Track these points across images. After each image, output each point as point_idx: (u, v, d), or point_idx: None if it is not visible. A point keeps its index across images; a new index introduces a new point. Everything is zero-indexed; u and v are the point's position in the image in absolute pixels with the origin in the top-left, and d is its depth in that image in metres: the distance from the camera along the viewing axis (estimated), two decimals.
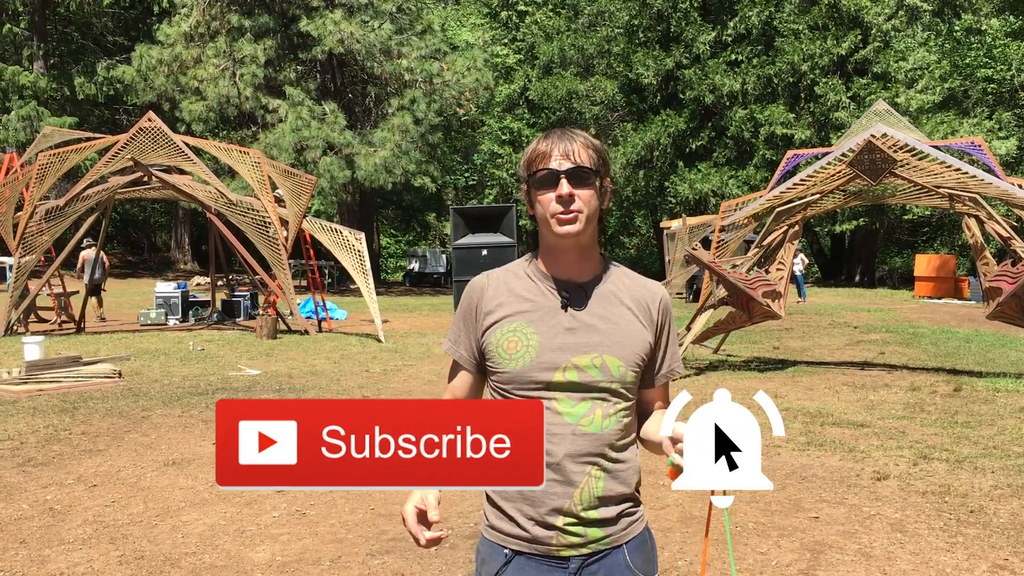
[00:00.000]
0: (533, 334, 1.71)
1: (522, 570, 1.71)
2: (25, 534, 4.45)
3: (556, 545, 1.69)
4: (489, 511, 1.78)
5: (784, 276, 10.21)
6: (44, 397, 8.28)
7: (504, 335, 1.73)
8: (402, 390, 8.89)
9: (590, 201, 1.71)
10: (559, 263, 1.76)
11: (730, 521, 4.63)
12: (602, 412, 1.69)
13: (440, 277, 34.17)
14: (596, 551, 1.70)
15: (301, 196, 14.20)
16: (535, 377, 1.69)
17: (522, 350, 1.70)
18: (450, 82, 26.57)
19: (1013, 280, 8.66)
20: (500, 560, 1.73)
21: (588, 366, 1.69)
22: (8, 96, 28.83)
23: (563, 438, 1.67)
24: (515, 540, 1.72)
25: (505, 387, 1.73)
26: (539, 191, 1.71)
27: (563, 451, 1.67)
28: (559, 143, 1.71)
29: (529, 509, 1.69)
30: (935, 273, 24.48)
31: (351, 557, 4.15)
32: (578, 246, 1.74)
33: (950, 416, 7.43)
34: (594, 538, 1.69)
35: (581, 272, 1.76)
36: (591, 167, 1.70)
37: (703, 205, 29.60)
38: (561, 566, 1.69)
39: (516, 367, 1.70)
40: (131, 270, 33.57)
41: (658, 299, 1.80)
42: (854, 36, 28.88)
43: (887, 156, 9.40)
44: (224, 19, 25.63)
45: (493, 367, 1.74)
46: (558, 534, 1.68)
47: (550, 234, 1.73)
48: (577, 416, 1.68)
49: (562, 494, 1.67)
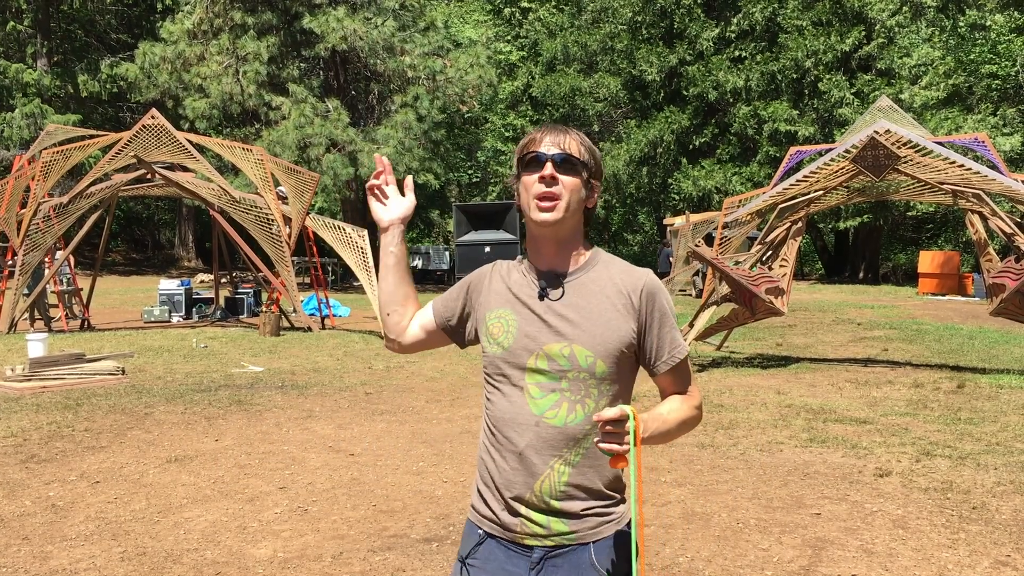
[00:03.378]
0: (513, 320, 1.76)
1: (492, 552, 1.77)
2: (28, 530, 4.47)
3: (520, 533, 1.73)
4: (474, 492, 1.85)
5: (788, 272, 10.19)
6: (48, 394, 8.30)
7: (491, 320, 1.80)
8: (405, 387, 8.90)
9: (573, 190, 1.72)
10: (540, 254, 1.80)
11: (731, 514, 4.64)
12: (568, 406, 1.71)
13: (443, 274, 34.15)
14: (560, 544, 1.72)
15: (304, 193, 14.20)
16: (514, 360, 1.74)
17: (503, 335, 1.77)
18: (453, 79, 26.54)
19: (1017, 276, 8.64)
20: (475, 539, 1.81)
21: (557, 355, 1.71)
22: (12, 94, 28.88)
23: (527, 428, 1.71)
24: (488, 523, 1.78)
25: (490, 369, 1.80)
26: (526, 173, 1.74)
27: (525, 441, 1.71)
28: (551, 133, 1.74)
29: (497, 494, 1.75)
30: (939, 270, 24.42)
31: (352, 553, 4.15)
32: (556, 236, 1.75)
33: (953, 413, 7.42)
34: (557, 531, 1.72)
35: (561, 263, 1.78)
36: (579, 158, 1.72)
37: (706, 202, 29.56)
38: (525, 554, 1.74)
39: (498, 351, 1.77)
40: (135, 267, 33.63)
41: (640, 285, 1.76)
42: (858, 32, 28.79)
43: (891, 152, 9.38)
44: (227, 16, 25.62)
45: (484, 351, 1.82)
46: (522, 522, 1.72)
47: (531, 222, 1.76)
48: (543, 408, 1.71)
49: (523, 484, 1.71)
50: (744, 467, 5.69)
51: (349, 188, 27.25)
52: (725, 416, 7.34)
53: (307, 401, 8.05)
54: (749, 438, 6.51)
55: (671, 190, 31.50)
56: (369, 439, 6.53)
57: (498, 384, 1.77)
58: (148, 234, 40.80)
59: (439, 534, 4.41)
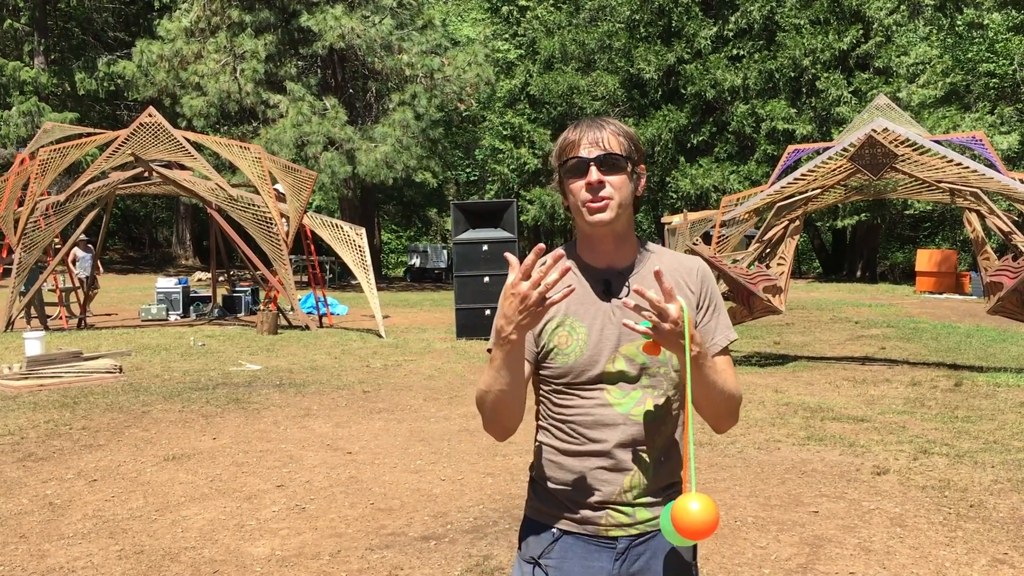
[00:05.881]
0: (581, 327, 1.72)
1: (570, 549, 1.73)
2: (25, 528, 4.46)
3: (605, 525, 1.71)
4: (535, 493, 1.80)
5: (785, 271, 10.20)
6: (45, 392, 8.29)
7: (554, 330, 1.73)
8: (403, 385, 8.90)
9: (621, 188, 1.69)
10: (596, 251, 1.76)
11: (728, 512, 4.64)
12: (653, 401, 1.70)
13: (441, 273, 34.16)
14: (643, 532, 1.72)
15: (302, 192, 14.19)
16: (587, 370, 1.70)
17: (573, 344, 1.71)
18: (451, 77, 26.53)
19: (1014, 275, 8.65)
20: (548, 539, 1.75)
21: (635, 354, 1.69)
22: (9, 92, 28.83)
23: (615, 428, 1.69)
24: (563, 520, 1.74)
25: (557, 382, 1.73)
26: (570, 180, 1.71)
27: (615, 440, 1.69)
28: (588, 131, 1.70)
29: (578, 495, 1.72)
30: (936, 268, 24.45)
31: (350, 551, 4.15)
32: (613, 233, 1.73)
33: (950, 411, 7.42)
34: (642, 519, 1.72)
35: (619, 259, 1.76)
36: (621, 153, 1.69)
37: (704, 200, 29.58)
38: (609, 546, 1.72)
39: (568, 362, 1.71)
40: (132, 266, 33.59)
41: (695, 271, 1.80)
42: (856, 31, 28.82)
43: (888, 151, 9.38)
44: (225, 14, 25.59)
45: (547, 364, 1.74)
46: (608, 514, 1.71)
47: (583, 223, 1.72)
48: (628, 406, 1.70)
49: (612, 480, 1.70)
50: (742, 465, 5.69)
51: (347, 186, 27.24)
52: None
53: (305, 399, 8.05)
54: (747, 436, 6.52)
55: (669, 188, 31.52)
56: (367, 437, 6.53)
57: (572, 390, 1.72)
58: (145, 232, 40.77)
59: (437, 532, 4.40)
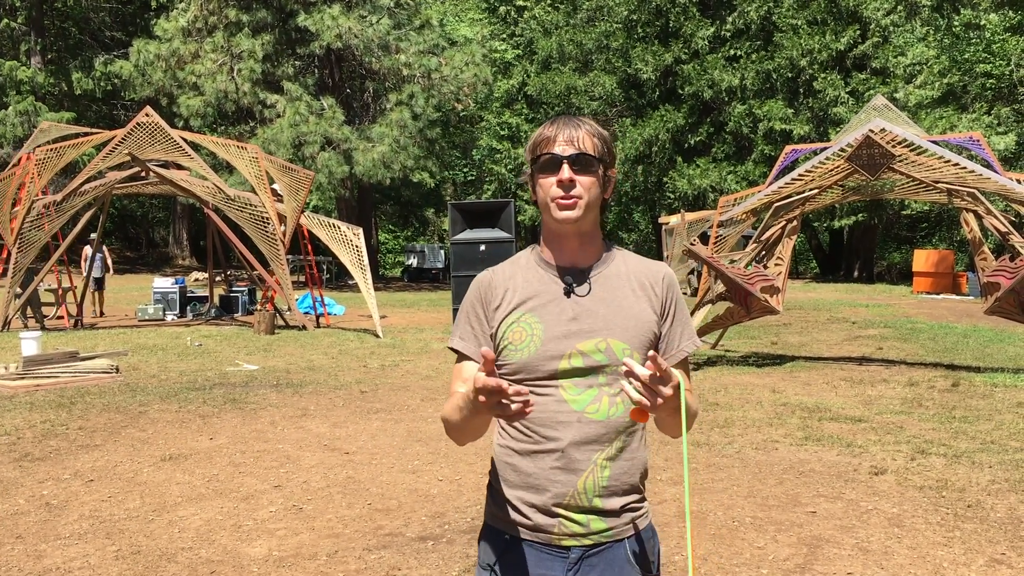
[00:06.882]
0: (537, 323, 1.71)
1: (522, 556, 1.71)
2: (21, 529, 4.45)
3: (558, 534, 1.68)
4: (492, 498, 1.78)
5: (783, 271, 10.20)
6: (41, 392, 8.27)
7: (510, 326, 1.72)
8: (400, 385, 8.89)
9: (591, 188, 1.70)
10: (561, 249, 1.75)
11: (726, 513, 4.64)
12: (609, 400, 1.68)
13: (438, 273, 34.17)
14: (598, 543, 1.69)
15: (299, 191, 14.18)
16: (541, 366, 1.68)
17: (527, 340, 1.70)
18: (448, 77, 26.52)
19: (1011, 275, 8.65)
20: (500, 546, 1.73)
21: (592, 351, 1.68)
22: (5, 91, 28.78)
23: (569, 425, 1.67)
24: (517, 527, 1.71)
25: (512, 378, 1.71)
26: (541, 175, 1.71)
27: (569, 438, 1.66)
28: (564, 129, 1.70)
29: (532, 496, 1.69)
30: (933, 268, 24.47)
31: (348, 552, 4.14)
32: (578, 232, 1.73)
33: (948, 411, 7.43)
34: (596, 529, 1.69)
35: (583, 258, 1.75)
36: (594, 155, 1.69)
37: (702, 200, 29.59)
38: (561, 555, 1.69)
39: (522, 357, 1.69)
40: (129, 265, 33.52)
41: (661, 276, 1.78)
42: (853, 31, 28.84)
43: (885, 151, 9.39)
44: (222, 14, 25.57)
45: (501, 360, 1.73)
46: (560, 522, 1.68)
47: (550, 219, 1.72)
48: (583, 403, 1.67)
49: (566, 482, 1.67)
50: (740, 465, 5.69)
51: (344, 186, 27.22)
52: (720, 414, 7.34)
53: (302, 399, 8.04)
54: (744, 436, 6.52)
55: (666, 189, 31.52)
56: (364, 437, 6.52)
57: (527, 387, 1.67)
58: (142, 232, 40.70)
59: (434, 532, 4.40)
